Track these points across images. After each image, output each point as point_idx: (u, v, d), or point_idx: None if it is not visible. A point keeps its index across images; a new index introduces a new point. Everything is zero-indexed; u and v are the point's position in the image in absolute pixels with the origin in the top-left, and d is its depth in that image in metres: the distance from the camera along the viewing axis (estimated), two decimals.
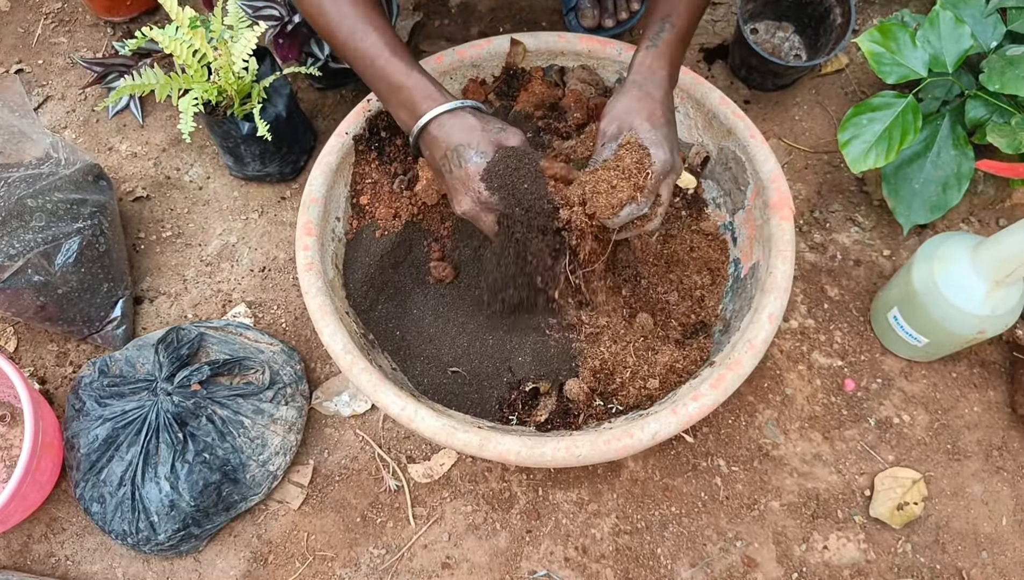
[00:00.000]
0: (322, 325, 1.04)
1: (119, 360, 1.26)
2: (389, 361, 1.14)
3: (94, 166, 1.36)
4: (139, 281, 1.43)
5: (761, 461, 1.26)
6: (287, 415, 1.25)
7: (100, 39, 1.69)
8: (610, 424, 1.06)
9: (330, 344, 1.03)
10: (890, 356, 1.32)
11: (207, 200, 1.51)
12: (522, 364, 1.11)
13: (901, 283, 1.23)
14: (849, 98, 1.53)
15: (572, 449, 0.94)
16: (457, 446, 0.95)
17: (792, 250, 1.05)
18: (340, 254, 1.19)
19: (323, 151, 1.17)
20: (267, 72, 1.36)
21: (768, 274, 1.05)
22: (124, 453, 1.19)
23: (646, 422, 0.95)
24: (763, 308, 1.02)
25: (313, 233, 1.11)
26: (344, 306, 1.14)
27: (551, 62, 1.27)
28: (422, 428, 0.96)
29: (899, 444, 1.26)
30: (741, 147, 1.16)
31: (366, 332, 1.15)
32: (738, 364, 0.98)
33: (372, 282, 1.17)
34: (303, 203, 1.13)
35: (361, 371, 1.00)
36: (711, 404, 0.96)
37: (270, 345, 1.30)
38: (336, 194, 1.19)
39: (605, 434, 0.95)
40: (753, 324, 1.01)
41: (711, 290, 1.19)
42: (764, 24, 1.56)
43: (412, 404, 0.98)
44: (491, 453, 0.94)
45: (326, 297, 1.06)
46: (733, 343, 1.05)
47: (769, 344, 1.00)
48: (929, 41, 1.26)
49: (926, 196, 1.33)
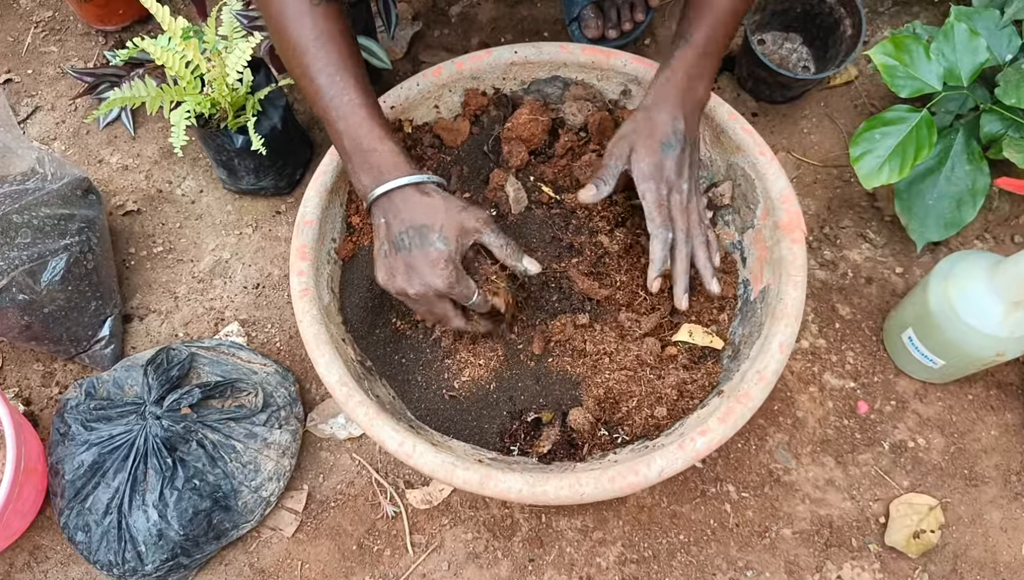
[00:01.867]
0: (317, 355, 1.00)
1: (107, 381, 1.22)
2: (387, 388, 1.09)
3: (83, 180, 1.32)
4: (129, 298, 1.39)
5: (772, 487, 1.22)
6: (281, 439, 1.21)
7: (91, 48, 1.65)
8: (615, 455, 1.02)
9: (325, 375, 0.99)
10: (904, 377, 1.28)
11: (200, 214, 1.46)
12: (523, 391, 1.07)
13: (916, 303, 1.19)
14: (859, 111, 1.49)
15: (576, 487, 0.89)
16: (457, 483, 0.91)
17: (804, 275, 1.01)
18: (336, 277, 1.15)
19: (318, 170, 1.13)
20: (262, 84, 1.32)
21: (779, 300, 1.01)
22: (111, 480, 1.14)
23: (652, 458, 0.91)
24: (773, 336, 0.98)
25: (308, 257, 1.07)
26: (340, 332, 1.09)
27: (553, 73, 1.23)
28: (420, 464, 0.92)
29: (914, 469, 1.22)
30: (750, 164, 1.12)
31: (363, 358, 1.11)
32: (747, 397, 0.94)
33: (369, 305, 1.13)
34: (297, 225, 1.09)
35: (358, 405, 0.96)
36: (719, 439, 0.92)
37: (263, 366, 1.26)
38: (332, 214, 1.14)
39: (610, 471, 0.91)
40: (763, 353, 0.97)
41: (719, 313, 1.15)
42: (771, 35, 1.52)
43: (410, 439, 0.94)
44: (492, 491, 0.90)
45: (321, 325, 1.02)
46: (743, 373, 1.00)
47: (779, 375, 0.96)
48: (943, 54, 1.22)
49: (940, 212, 1.29)
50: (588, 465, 1.00)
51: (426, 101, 1.22)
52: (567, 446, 1.04)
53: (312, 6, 0.95)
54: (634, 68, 1.18)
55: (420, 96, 1.20)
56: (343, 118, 0.95)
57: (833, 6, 1.42)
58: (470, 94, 1.23)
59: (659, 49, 1.58)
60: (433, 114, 1.24)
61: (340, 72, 0.95)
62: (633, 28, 1.51)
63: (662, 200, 0.99)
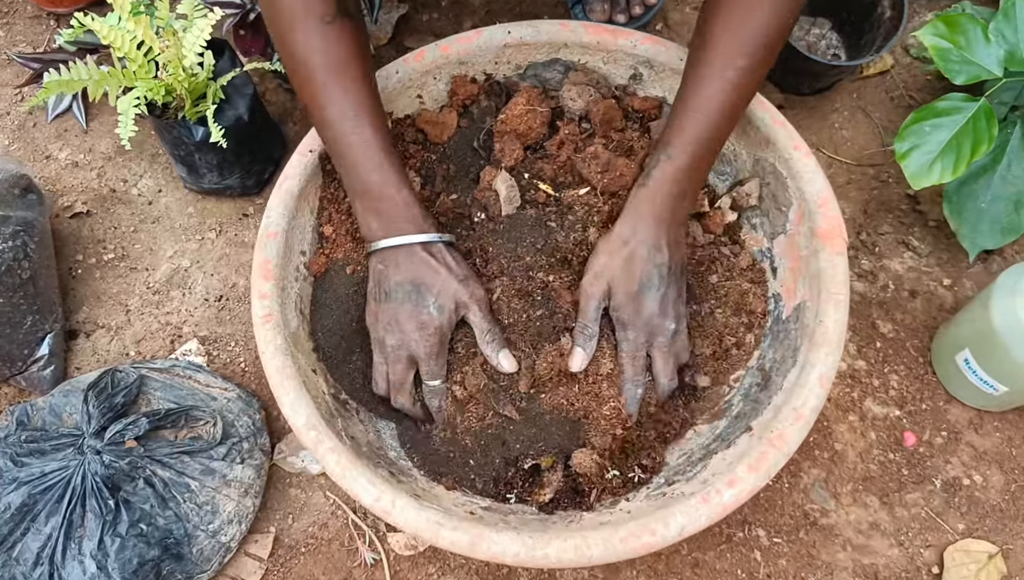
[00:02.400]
0: (281, 392, 0.86)
1: (42, 408, 1.06)
2: (365, 428, 0.94)
3: (21, 177, 1.16)
4: (74, 312, 1.23)
5: (808, 531, 1.06)
6: (243, 475, 1.05)
7: (42, 32, 1.49)
8: (628, 504, 0.88)
9: (291, 416, 0.85)
10: (956, 404, 1.13)
11: (157, 217, 1.30)
12: (516, 435, 0.92)
13: (974, 320, 1.04)
14: (895, 103, 1.34)
15: (582, 550, 0.76)
16: (443, 545, 0.78)
17: (846, 292, 0.88)
18: (306, 296, 1.00)
19: (283, 173, 0.98)
20: (226, 68, 1.17)
21: (818, 323, 0.87)
22: (42, 525, 0.98)
23: (671, 513, 0.78)
24: (812, 367, 0.84)
25: (271, 276, 0.93)
26: (311, 361, 0.95)
27: (553, 56, 1.09)
28: (401, 523, 0.79)
29: (970, 510, 1.07)
30: (782, 160, 0.98)
31: (338, 390, 0.96)
32: (782, 440, 0.80)
33: (345, 330, 0.98)
34: (259, 239, 0.94)
35: (328, 452, 0.83)
36: (749, 491, 0.78)
37: (224, 390, 1.10)
38: (300, 224, 0.99)
39: (621, 530, 0.77)
40: (800, 387, 0.83)
41: (746, 331, 1.00)
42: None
43: (389, 492, 0.80)
44: (484, 554, 0.77)
45: (287, 356, 0.88)
46: (776, 407, 0.86)
47: (818, 412, 0.83)
48: (1004, 35, 1.07)
49: (995, 216, 1.14)
50: (597, 516, 0.88)
51: (407, 91, 1.07)
52: (572, 493, 0.90)
53: (324, 24, 0.87)
54: (646, 49, 1.05)
55: (400, 85, 1.06)
56: (355, 157, 0.90)
57: None
58: (458, 81, 1.09)
59: (672, 35, 1.43)
60: (416, 105, 1.10)
61: (355, 107, 0.89)
62: (644, 12, 1.37)
63: (638, 352, 0.93)
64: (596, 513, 0.88)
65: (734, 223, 1.05)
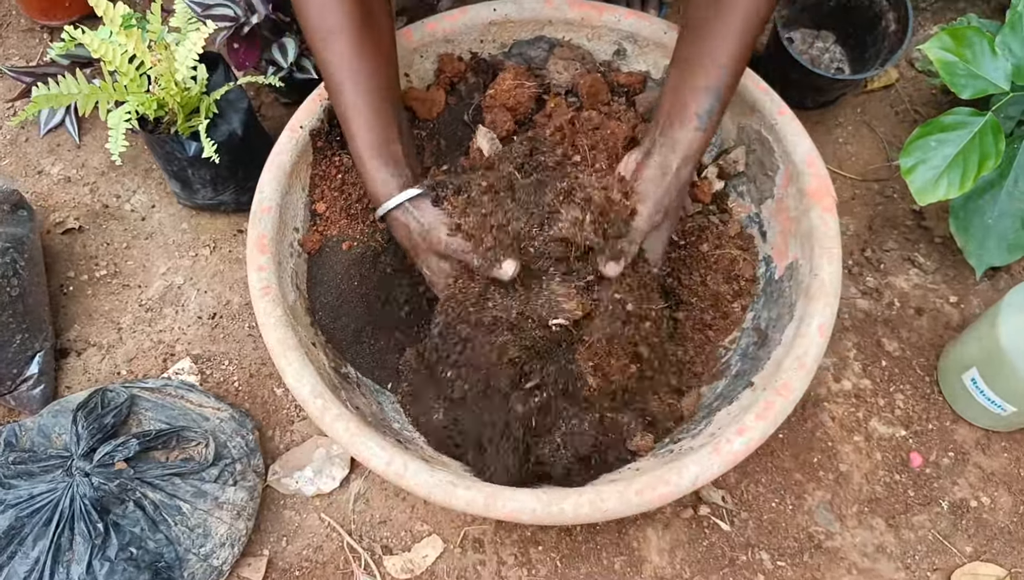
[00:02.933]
0: (284, 363, 0.85)
1: (31, 429, 1.03)
2: (367, 400, 0.95)
3: (11, 193, 1.14)
4: (65, 330, 1.20)
5: (812, 554, 1.04)
6: (235, 497, 1.03)
7: (35, 46, 1.48)
8: (635, 463, 0.90)
9: (295, 387, 0.85)
10: (963, 424, 1.10)
11: (150, 233, 1.28)
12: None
13: (981, 339, 1.02)
14: (900, 118, 1.32)
15: (598, 503, 0.77)
16: (458, 505, 0.77)
17: (839, 247, 0.90)
18: (302, 272, 1.00)
19: (274, 150, 0.98)
20: (220, 82, 1.14)
21: (813, 276, 0.89)
22: (29, 549, 0.96)
23: (684, 464, 0.78)
24: (811, 318, 0.86)
25: (267, 250, 0.92)
26: (310, 335, 0.94)
27: (537, 33, 1.10)
28: (414, 485, 0.79)
29: (978, 533, 1.05)
30: (767, 126, 1.00)
31: (340, 363, 0.96)
32: (787, 388, 0.82)
33: (345, 305, 1.00)
34: (253, 214, 0.94)
35: (335, 419, 0.82)
36: (759, 438, 0.80)
37: (216, 410, 1.08)
38: (292, 201, 1.00)
39: (635, 482, 0.78)
40: (800, 337, 0.85)
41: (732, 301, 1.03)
42: (800, 33, 1.35)
43: (400, 456, 0.80)
44: (500, 512, 0.77)
45: (287, 328, 0.87)
46: (777, 360, 0.88)
47: (819, 362, 0.84)
48: (1011, 49, 1.06)
49: (1002, 232, 1.13)
50: (607, 475, 0.90)
51: None
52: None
53: None
54: (629, 24, 1.08)
55: None
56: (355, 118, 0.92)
57: None
58: (444, 60, 1.11)
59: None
60: (403, 83, 1.11)
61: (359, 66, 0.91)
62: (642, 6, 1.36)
63: None
64: (606, 473, 0.90)
65: (721, 192, 1.08)
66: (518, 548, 1.04)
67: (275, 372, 1.15)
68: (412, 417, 0.97)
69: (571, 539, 1.05)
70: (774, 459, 1.09)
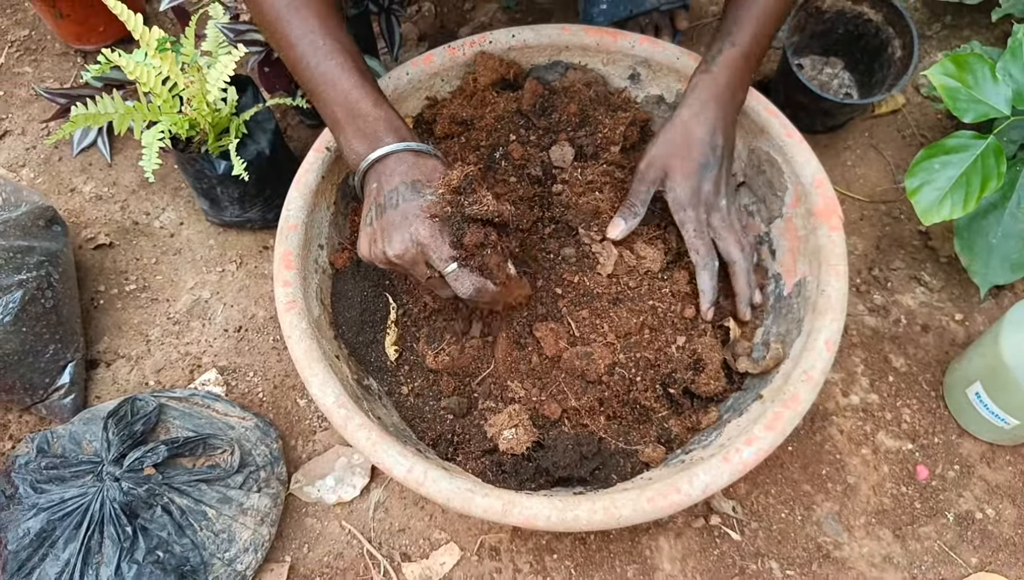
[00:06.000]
0: (309, 374, 0.88)
1: (62, 436, 1.07)
2: (388, 411, 0.97)
3: (46, 209, 1.18)
4: (95, 342, 1.24)
5: (821, 563, 1.06)
6: (259, 504, 1.06)
7: (69, 69, 1.53)
8: (648, 472, 0.92)
9: (319, 397, 0.87)
10: (968, 438, 1.13)
11: (179, 249, 1.32)
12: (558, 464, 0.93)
13: (984, 355, 1.05)
14: (907, 141, 1.36)
15: (611, 510, 0.79)
16: (476, 512, 0.80)
17: (845, 264, 0.93)
18: (327, 288, 1.04)
19: (300, 169, 1.01)
20: (249, 104, 1.19)
21: (820, 293, 0.92)
22: (60, 551, 0.99)
23: (694, 473, 0.81)
24: (818, 332, 0.89)
25: (293, 266, 0.95)
26: (334, 348, 0.97)
27: (555, 59, 1.13)
28: (433, 492, 0.81)
29: (984, 544, 1.07)
30: (776, 147, 1.03)
31: (362, 376, 0.99)
32: (795, 400, 0.84)
33: (368, 320, 1.03)
34: (280, 231, 0.97)
35: (358, 428, 0.85)
36: (768, 448, 0.82)
37: (242, 419, 1.11)
38: (318, 219, 1.03)
39: (647, 490, 0.80)
40: (808, 351, 0.88)
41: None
42: (810, 59, 1.39)
43: (420, 464, 0.82)
44: (517, 519, 0.79)
45: (312, 340, 0.90)
46: (785, 373, 0.91)
47: (826, 374, 0.86)
48: (1011, 74, 1.09)
49: (1005, 252, 1.15)
50: (620, 484, 0.92)
51: (416, 92, 1.12)
52: None
53: None
54: (643, 49, 1.10)
55: (410, 86, 1.11)
56: (331, 84, 0.87)
57: (880, 26, 1.29)
58: (480, 60, 1.13)
59: None
60: (421, 106, 1.14)
61: (322, 36, 0.87)
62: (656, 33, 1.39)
63: (702, 228, 0.97)
64: (619, 482, 0.92)
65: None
66: (533, 556, 1.07)
67: (298, 383, 1.18)
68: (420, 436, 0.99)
69: (585, 547, 1.07)
70: (784, 471, 1.11)
